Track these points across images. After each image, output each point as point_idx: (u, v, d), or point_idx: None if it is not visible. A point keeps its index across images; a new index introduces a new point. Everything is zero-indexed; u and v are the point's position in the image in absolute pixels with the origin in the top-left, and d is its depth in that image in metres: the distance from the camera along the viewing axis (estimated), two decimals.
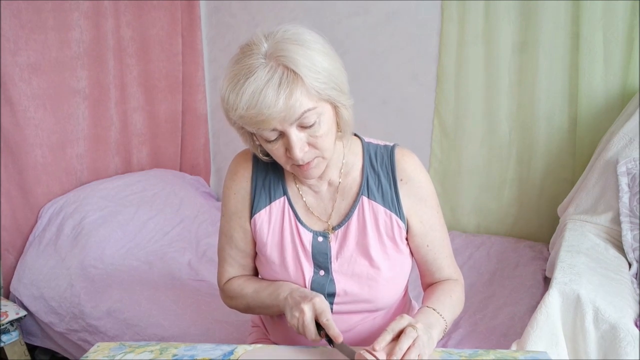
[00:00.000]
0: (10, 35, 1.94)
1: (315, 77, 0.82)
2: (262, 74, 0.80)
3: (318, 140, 0.87)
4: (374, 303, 0.99)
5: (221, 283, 1.10)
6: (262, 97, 0.79)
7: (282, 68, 0.80)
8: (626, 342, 1.02)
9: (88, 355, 0.94)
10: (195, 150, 2.83)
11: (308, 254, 0.99)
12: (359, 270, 0.97)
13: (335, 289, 0.98)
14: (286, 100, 0.80)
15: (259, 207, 1.02)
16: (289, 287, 0.96)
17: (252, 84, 0.80)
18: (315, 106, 0.83)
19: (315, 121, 0.85)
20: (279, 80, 0.79)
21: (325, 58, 0.84)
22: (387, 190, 0.98)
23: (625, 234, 1.41)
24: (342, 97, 0.88)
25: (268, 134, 0.85)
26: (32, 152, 2.08)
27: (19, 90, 1.99)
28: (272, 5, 2.53)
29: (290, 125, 0.83)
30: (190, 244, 2.21)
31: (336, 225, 1.00)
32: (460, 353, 0.90)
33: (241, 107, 0.81)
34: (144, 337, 1.62)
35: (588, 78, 1.89)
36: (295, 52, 0.81)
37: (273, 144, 0.88)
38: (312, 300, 0.88)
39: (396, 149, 1.00)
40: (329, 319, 0.85)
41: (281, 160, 0.91)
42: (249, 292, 1.03)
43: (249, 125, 0.84)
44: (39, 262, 1.99)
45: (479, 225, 2.28)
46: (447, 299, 0.98)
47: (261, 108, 0.80)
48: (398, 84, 2.34)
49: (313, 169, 0.91)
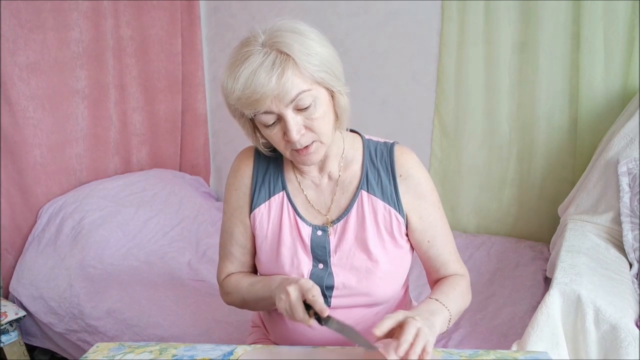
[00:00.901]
0: (9, 35, 1.94)
1: (307, 59, 0.85)
2: (256, 58, 0.85)
3: (315, 123, 0.89)
4: (372, 297, 0.99)
5: (220, 279, 1.12)
6: (255, 77, 0.83)
7: (275, 52, 0.85)
8: (627, 343, 1.02)
9: (87, 355, 0.93)
10: (195, 150, 2.82)
11: (307, 248, 1.00)
12: (358, 264, 0.98)
13: (333, 282, 0.99)
14: (278, 79, 0.83)
15: (259, 202, 1.03)
16: (280, 277, 0.97)
17: (248, 68, 0.84)
18: (309, 88, 0.87)
19: (310, 104, 0.87)
20: (272, 62, 0.84)
21: (319, 45, 0.88)
22: (387, 185, 1.00)
23: (626, 234, 1.40)
24: (337, 83, 0.91)
25: (265, 117, 0.88)
26: (31, 152, 2.07)
27: (18, 90, 1.99)
28: (272, 5, 2.52)
29: (286, 107, 0.86)
30: (190, 244, 2.20)
31: (335, 219, 1.01)
32: (461, 353, 0.90)
33: (237, 88, 0.85)
34: (143, 338, 1.62)
35: (588, 78, 1.89)
36: (290, 37, 0.86)
37: (271, 129, 0.90)
38: (297, 281, 0.89)
39: (395, 146, 1.02)
40: (314, 295, 0.86)
41: (280, 145, 0.93)
42: (245, 286, 1.05)
43: (246, 107, 0.87)
44: (38, 263, 1.98)
45: (479, 225, 2.28)
46: (450, 291, 0.98)
47: (255, 87, 0.84)
48: (398, 84, 2.34)
49: (312, 154, 0.92)
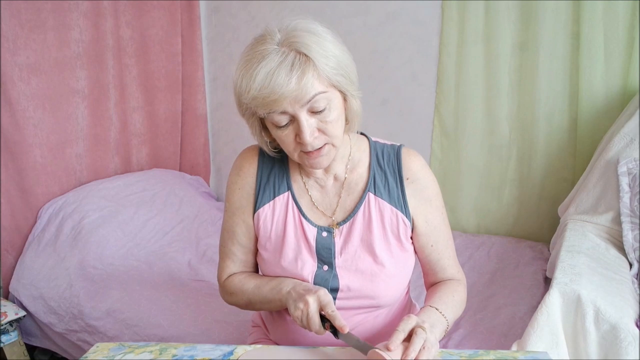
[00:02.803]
0: (9, 35, 1.94)
1: (325, 62, 0.85)
2: (275, 57, 0.83)
3: (328, 126, 0.88)
4: (376, 300, 0.99)
5: (221, 279, 1.10)
6: (275, 77, 0.82)
7: (294, 52, 0.83)
8: (627, 343, 1.01)
9: (87, 355, 0.93)
10: (195, 150, 2.82)
11: (312, 249, 0.99)
12: (363, 266, 0.98)
13: (338, 284, 0.98)
14: (298, 80, 0.82)
15: (263, 202, 1.02)
16: (292, 282, 0.97)
17: (265, 66, 0.82)
18: (326, 90, 0.86)
19: (325, 107, 0.87)
20: (291, 62, 0.82)
21: (336, 47, 0.88)
22: (394, 188, 0.99)
23: (626, 234, 1.40)
24: (351, 87, 0.91)
25: (279, 118, 0.86)
26: (31, 152, 2.07)
27: (18, 90, 1.99)
28: (272, 5, 2.52)
29: (301, 108, 0.85)
30: (190, 244, 2.20)
31: (341, 221, 1.00)
32: (461, 353, 0.89)
33: (254, 88, 0.83)
34: (143, 338, 1.62)
35: (588, 78, 1.89)
36: (308, 38, 0.84)
37: (283, 130, 0.89)
38: (316, 292, 0.89)
39: (403, 149, 1.02)
40: (334, 311, 0.86)
41: (290, 147, 0.91)
42: (250, 288, 1.03)
43: (261, 107, 0.85)
44: (38, 263, 1.98)
45: (479, 225, 2.28)
46: (449, 299, 0.98)
47: (274, 87, 0.82)
48: (398, 84, 2.34)
49: (323, 157, 0.92)
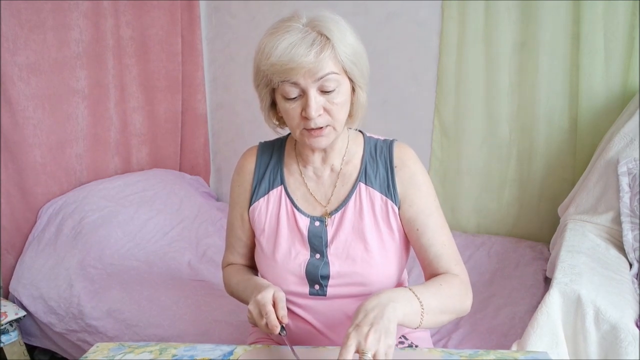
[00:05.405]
0: (9, 35, 1.94)
1: (344, 48, 0.91)
2: (298, 33, 0.90)
3: (334, 107, 0.93)
4: (368, 286, 1.00)
5: (223, 267, 1.21)
6: (295, 48, 0.88)
7: (317, 33, 0.90)
8: (627, 343, 1.02)
9: (87, 355, 0.93)
10: (195, 150, 2.82)
11: (304, 239, 1.03)
12: (354, 253, 1.00)
13: (329, 271, 1.01)
14: (316, 55, 0.89)
15: (258, 196, 1.08)
16: (253, 284, 1.02)
17: (289, 38, 0.89)
18: (338, 72, 0.92)
19: (335, 88, 0.92)
20: (312, 40, 0.89)
21: (355, 39, 0.95)
22: (384, 177, 1.03)
23: (626, 234, 1.40)
24: (361, 79, 0.97)
25: (289, 89, 0.92)
26: (31, 152, 2.07)
27: (18, 90, 1.99)
28: (272, 5, 2.52)
29: (313, 83, 0.90)
30: (190, 244, 2.20)
31: (333, 210, 1.04)
32: (461, 353, 0.90)
33: (275, 55, 0.89)
34: (143, 338, 1.62)
35: (588, 78, 1.89)
36: (331, 24, 0.92)
37: (291, 103, 0.94)
38: (255, 297, 0.92)
39: (395, 142, 1.07)
40: (267, 312, 0.88)
41: (294, 122, 0.95)
42: (233, 283, 1.12)
43: (277, 74, 0.90)
44: (38, 262, 1.98)
45: (479, 226, 2.28)
46: (435, 288, 0.93)
47: (293, 56, 0.88)
48: (398, 84, 2.34)
49: (323, 137, 0.96)
